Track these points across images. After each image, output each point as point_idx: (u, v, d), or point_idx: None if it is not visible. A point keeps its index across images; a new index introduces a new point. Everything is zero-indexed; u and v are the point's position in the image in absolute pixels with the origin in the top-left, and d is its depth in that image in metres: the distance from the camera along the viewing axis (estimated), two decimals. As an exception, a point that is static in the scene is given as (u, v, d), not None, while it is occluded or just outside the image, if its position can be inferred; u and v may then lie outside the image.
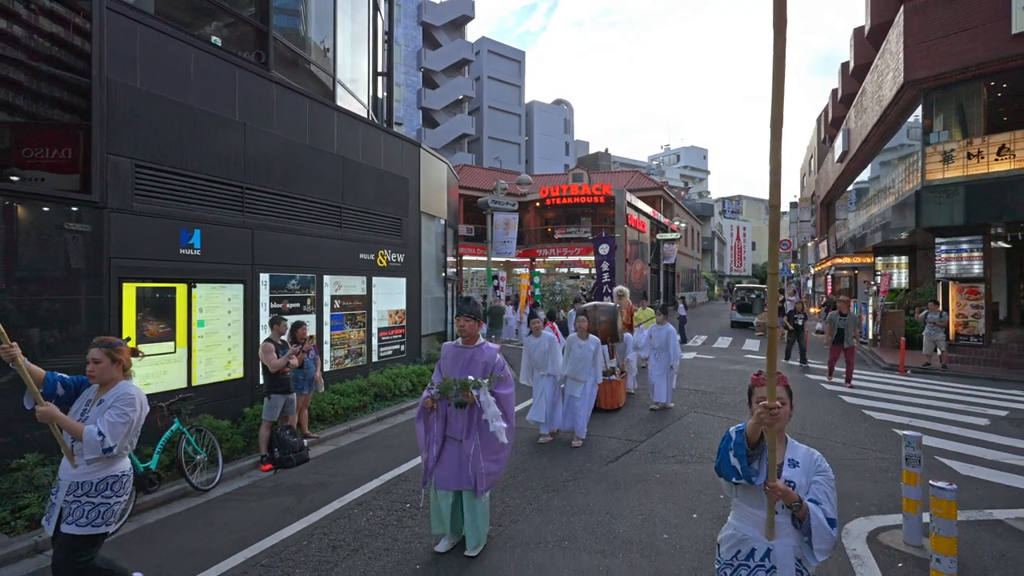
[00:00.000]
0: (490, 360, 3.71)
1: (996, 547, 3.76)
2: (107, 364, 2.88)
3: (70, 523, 2.75)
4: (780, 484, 1.95)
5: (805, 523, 1.94)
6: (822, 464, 2.08)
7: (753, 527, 2.07)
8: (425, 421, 3.71)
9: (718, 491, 4.67)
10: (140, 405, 2.89)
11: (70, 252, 4.95)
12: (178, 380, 5.89)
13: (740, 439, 2.02)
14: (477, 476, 3.57)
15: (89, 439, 2.68)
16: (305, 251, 7.61)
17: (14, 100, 4.76)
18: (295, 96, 7.50)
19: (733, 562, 2.10)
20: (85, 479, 2.80)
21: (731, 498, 2.17)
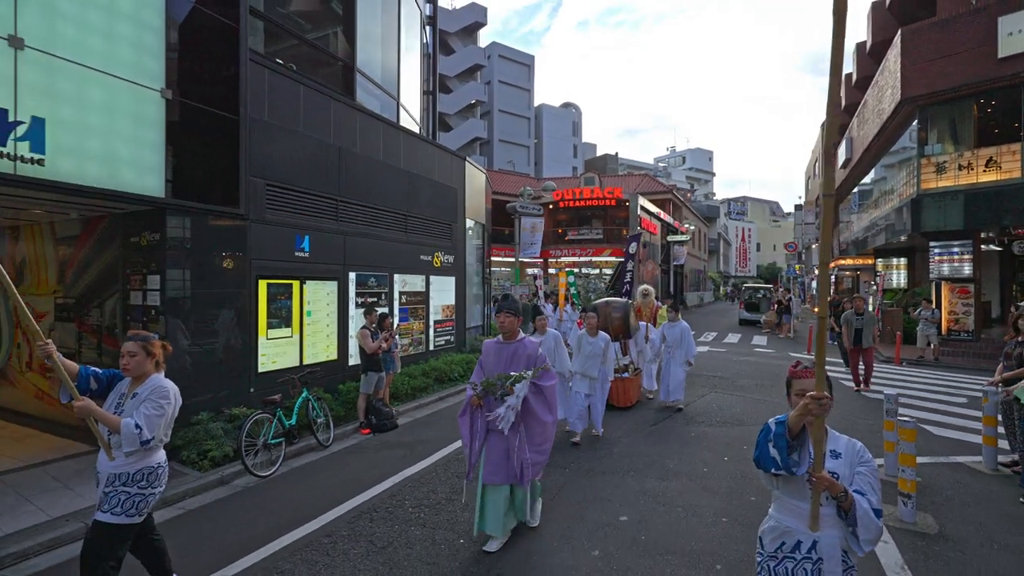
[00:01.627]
0: (533, 354, 3.74)
1: (954, 478, 5.00)
2: (142, 357, 2.90)
3: (105, 511, 2.77)
4: (826, 475, 1.92)
5: (851, 514, 1.91)
6: (865, 455, 2.05)
7: (796, 519, 2.03)
8: (470, 418, 3.75)
9: (742, 443, 5.93)
10: (174, 397, 2.92)
11: (225, 255, 6.23)
12: (294, 359, 7.17)
13: (780, 430, 1.97)
14: (523, 466, 3.60)
15: (127, 432, 2.70)
16: (380, 254, 8.88)
17: (187, 134, 6.03)
18: (373, 120, 8.78)
19: (778, 554, 2.06)
20: (123, 470, 2.80)
21: (771, 490, 2.13)
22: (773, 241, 76.32)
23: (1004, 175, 12.57)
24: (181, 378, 5.72)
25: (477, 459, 3.73)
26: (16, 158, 4.36)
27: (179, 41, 5.63)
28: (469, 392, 3.72)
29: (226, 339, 6.24)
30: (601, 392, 6.45)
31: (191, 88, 5.72)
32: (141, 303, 5.79)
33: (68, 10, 4.72)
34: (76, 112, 4.76)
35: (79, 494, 4.75)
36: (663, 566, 3.47)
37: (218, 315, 6.15)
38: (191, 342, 5.86)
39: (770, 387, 9.46)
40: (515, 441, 3.62)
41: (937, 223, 13.27)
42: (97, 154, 4.92)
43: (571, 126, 61.22)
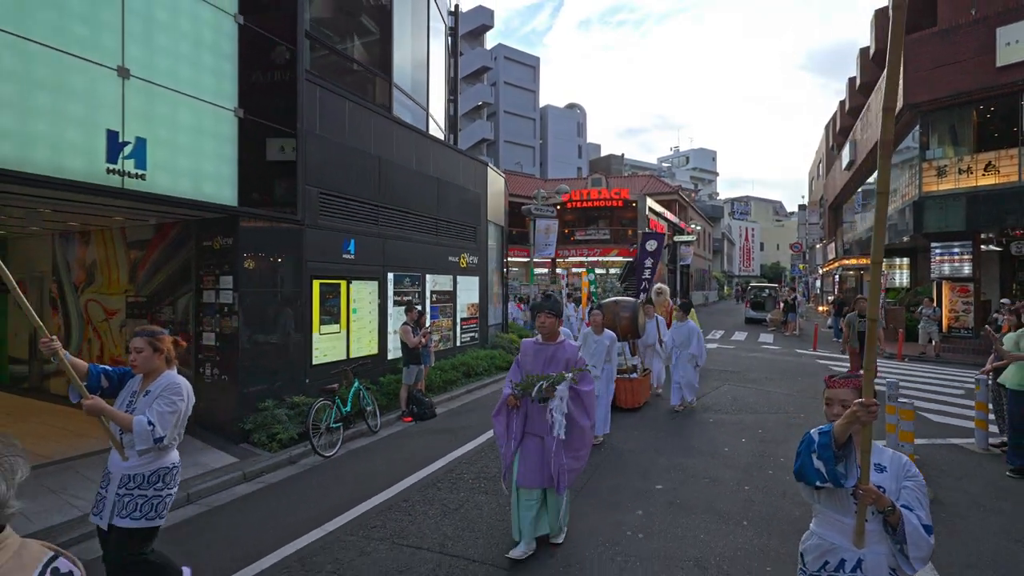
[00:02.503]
0: (572, 358, 3.68)
1: (949, 456, 5.61)
2: (149, 353, 2.81)
3: (123, 517, 2.70)
4: (873, 487, 1.84)
5: (899, 530, 1.82)
6: (911, 469, 1.96)
7: (840, 535, 1.94)
8: (506, 418, 3.69)
9: (756, 428, 6.53)
10: (187, 395, 2.86)
11: (285, 258, 6.86)
12: (341, 353, 7.80)
13: (825, 440, 1.89)
14: (559, 472, 3.52)
15: (139, 430, 2.63)
16: (414, 255, 9.50)
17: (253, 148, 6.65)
18: (407, 131, 9.40)
19: (821, 573, 1.98)
20: (137, 471, 2.74)
21: (813, 504, 2.06)
22: (776, 240, 76.77)
23: (1002, 179, 13.13)
24: (250, 369, 6.37)
25: (512, 460, 3.66)
26: (124, 174, 4.99)
27: (247, 64, 6.25)
28: (506, 391, 3.65)
29: (287, 334, 6.87)
30: (606, 392, 6.23)
31: (256, 106, 6.33)
32: (214, 301, 6.42)
33: (163, 42, 5.34)
34: (170, 132, 5.39)
35: None
36: (698, 522, 4.07)
37: (280, 312, 6.78)
38: (259, 336, 6.49)
39: (779, 380, 10.05)
40: (552, 445, 3.51)
41: (938, 224, 13.82)
42: (186, 169, 5.55)
43: (576, 127, 61.74)
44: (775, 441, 6.17)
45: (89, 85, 4.75)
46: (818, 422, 5.85)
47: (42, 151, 4.44)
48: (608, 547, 3.70)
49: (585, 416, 3.61)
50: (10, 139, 4.26)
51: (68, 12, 4.60)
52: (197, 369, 6.59)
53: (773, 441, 6.17)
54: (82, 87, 4.70)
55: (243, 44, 6.19)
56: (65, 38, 4.56)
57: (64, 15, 4.57)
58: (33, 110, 4.38)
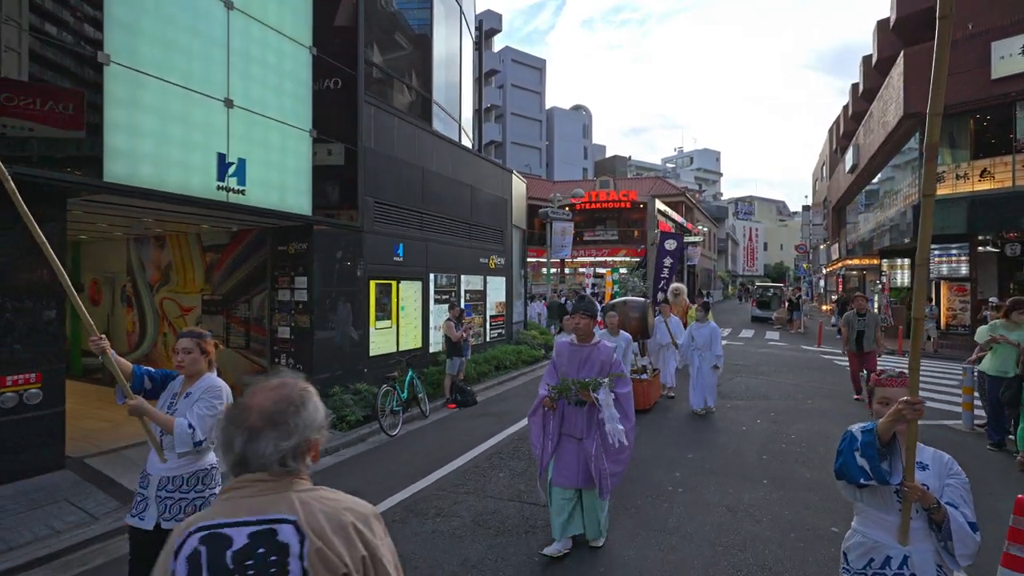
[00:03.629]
0: (607, 359, 3.64)
1: (938, 435, 6.43)
2: (197, 355, 2.85)
3: (168, 519, 2.73)
4: (919, 485, 1.86)
5: (944, 527, 1.85)
6: (954, 467, 1.99)
7: (884, 533, 1.96)
8: (542, 419, 3.70)
9: (769, 411, 7.36)
10: (226, 397, 2.85)
11: (349, 261, 7.70)
12: (392, 346, 8.64)
13: (869, 438, 1.90)
14: (602, 477, 3.50)
15: (180, 432, 2.66)
16: (451, 257, 10.34)
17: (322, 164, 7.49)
18: (444, 143, 10.23)
19: (867, 571, 1.98)
20: (176, 474, 2.76)
21: (855, 503, 2.06)
22: (780, 240, 77.39)
23: (997, 184, 13.89)
24: (321, 359, 7.21)
25: (549, 460, 3.67)
26: (229, 189, 5.84)
27: (318, 89, 7.09)
28: (542, 392, 3.65)
29: (350, 328, 7.72)
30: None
31: (325, 126, 7.17)
32: (289, 299, 7.26)
33: (258, 74, 6.19)
34: (262, 153, 6.24)
35: None
36: (726, 481, 4.90)
37: (345, 309, 7.63)
38: (329, 330, 7.34)
39: (786, 372, 10.86)
40: (592, 449, 3.51)
41: (939, 227, 14.59)
42: (274, 183, 6.40)
43: (581, 128, 62.40)
44: (786, 422, 7.00)
45: (205, 115, 5.60)
46: (822, 408, 6.89)
47: (173, 172, 5.29)
48: (654, 497, 4.54)
49: (625, 419, 3.56)
50: (150, 163, 5.11)
51: (190, 54, 5.44)
52: (272, 359, 7.44)
53: (785, 422, 7.00)
54: (200, 117, 5.55)
55: (315, 72, 7.04)
56: (188, 77, 5.41)
57: (187, 57, 5.42)
58: (166, 138, 5.23)
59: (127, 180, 4.91)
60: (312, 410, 1.23)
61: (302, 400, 1.22)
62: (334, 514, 1.15)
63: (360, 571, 1.13)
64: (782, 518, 4.17)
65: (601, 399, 3.45)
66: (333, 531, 1.12)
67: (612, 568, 3.49)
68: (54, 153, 4.58)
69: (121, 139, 4.86)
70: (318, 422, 1.23)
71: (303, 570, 1.07)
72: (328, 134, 7.18)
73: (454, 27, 11.66)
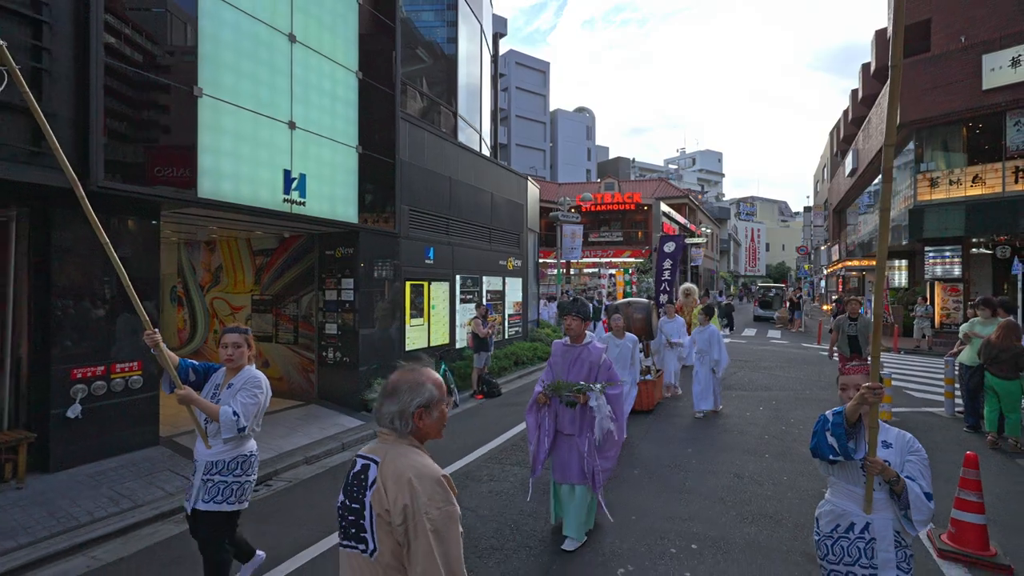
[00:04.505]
0: (596, 360, 3.78)
1: (922, 419, 7.17)
2: (244, 349, 3.06)
3: (207, 501, 2.93)
4: (880, 459, 2.08)
5: (903, 497, 2.07)
6: (915, 445, 2.21)
7: (851, 502, 2.21)
8: (537, 415, 3.90)
9: (771, 400, 8.10)
10: (266, 388, 3.06)
11: (388, 263, 8.47)
12: (424, 342, 9.40)
13: (838, 419, 2.16)
14: (594, 473, 3.71)
15: (225, 419, 2.85)
16: (474, 260, 11.10)
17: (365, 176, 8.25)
18: (468, 153, 11.00)
19: (833, 535, 2.23)
20: (219, 458, 2.98)
21: (827, 476, 2.33)
22: (782, 241, 78.02)
23: (987, 189, 14.61)
24: (365, 353, 7.97)
25: (545, 456, 3.87)
26: (292, 201, 6.61)
27: (362, 108, 7.84)
28: (538, 389, 3.89)
29: (389, 325, 8.48)
30: (628, 396, 6.18)
31: (368, 142, 7.93)
32: (336, 298, 8.03)
33: (315, 100, 6.96)
34: (318, 168, 7.01)
35: (307, 434, 6.89)
36: (733, 455, 5.65)
37: (386, 307, 8.40)
38: (372, 327, 8.11)
39: (787, 367, 11.60)
40: (584, 446, 3.73)
41: (933, 230, 15.31)
42: (327, 195, 7.16)
43: (585, 130, 63.06)
44: (786, 408, 7.75)
45: (272, 137, 6.37)
46: (820, 397, 7.76)
47: (247, 187, 6.06)
48: (671, 467, 5.30)
49: (613, 419, 3.75)
50: (230, 179, 5.88)
51: (260, 82, 6.21)
52: (320, 353, 8.21)
53: (784, 408, 7.75)
54: (268, 138, 6.32)
55: (361, 92, 7.80)
56: (259, 103, 6.18)
57: (257, 85, 6.18)
58: (241, 157, 6.00)
59: (213, 195, 5.68)
60: (420, 390, 1.60)
61: (416, 382, 1.62)
62: (400, 468, 1.52)
63: (398, 514, 1.47)
64: (781, 482, 4.92)
65: (593, 403, 3.65)
66: (392, 478, 1.51)
67: (642, 515, 4.25)
68: (159, 172, 5.34)
69: (208, 160, 5.63)
70: (418, 400, 1.59)
71: (369, 498, 1.54)
72: (369, 148, 7.94)
73: (475, 43, 12.43)
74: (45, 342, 4.97)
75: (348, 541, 1.57)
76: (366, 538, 1.53)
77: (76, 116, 4.65)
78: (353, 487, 1.58)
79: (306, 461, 6.01)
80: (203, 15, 5.56)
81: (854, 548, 2.18)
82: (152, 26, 5.32)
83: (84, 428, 5.15)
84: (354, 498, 1.57)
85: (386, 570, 1.51)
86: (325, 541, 3.92)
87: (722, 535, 3.92)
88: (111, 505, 4.55)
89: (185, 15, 5.51)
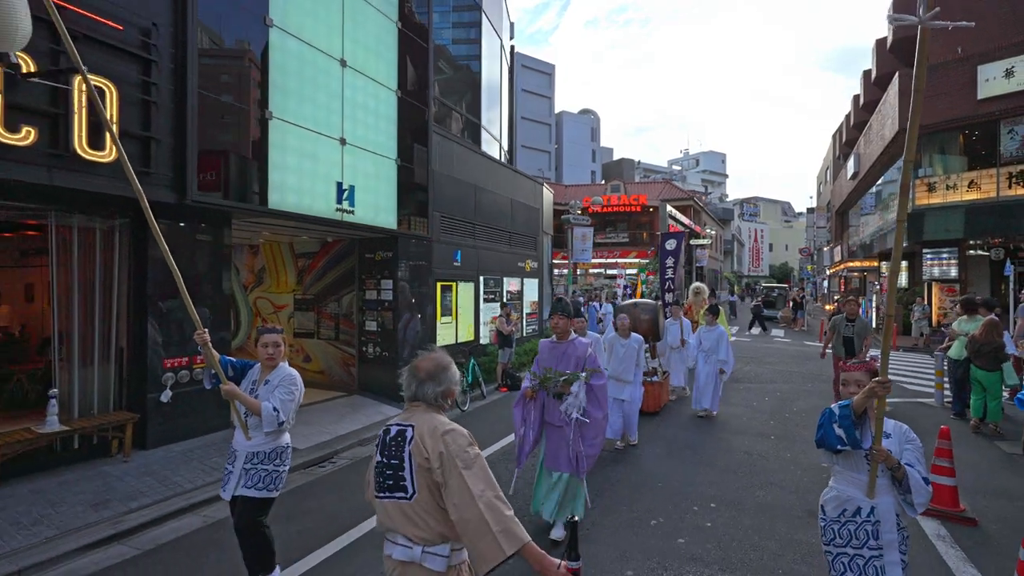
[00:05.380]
0: (582, 355, 4.01)
1: (913, 408, 7.87)
2: (283, 348, 3.28)
3: (249, 487, 3.13)
4: (885, 448, 2.25)
5: (904, 482, 2.25)
6: (911, 435, 2.38)
7: (855, 489, 2.37)
8: (523, 409, 4.08)
9: (775, 391, 8.81)
10: (300, 384, 3.27)
11: (422, 266, 9.19)
12: (452, 338, 10.13)
13: (846, 412, 2.32)
14: (579, 459, 3.92)
15: (267, 414, 3.06)
16: (496, 262, 11.82)
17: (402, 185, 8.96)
18: (490, 162, 11.72)
19: (840, 519, 2.39)
20: (259, 449, 3.18)
21: (831, 466, 2.48)
22: (785, 241, 78.50)
23: (983, 194, 15.27)
24: (402, 348, 8.68)
25: (531, 448, 4.09)
26: (343, 211, 7.33)
27: (400, 123, 8.55)
28: (525, 384, 4.11)
29: (423, 322, 9.20)
30: (635, 398, 6.16)
31: (404, 154, 8.65)
32: (376, 298, 8.75)
33: (361, 117, 7.68)
34: (364, 180, 7.73)
35: (355, 420, 7.61)
36: (743, 437, 6.36)
37: (420, 306, 9.12)
38: (408, 324, 8.83)
39: (790, 363, 12.29)
40: (570, 435, 3.92)
41: (933, 233, 15.96)
42: (372, 204, 7.88)
43: (589, 132, 63.68)
44: (789, 399, 8.46)
45: (326, 153, 7.10)
46: (820, 390, 8.59)
47: (305, 198, 6.79)
48: (688, 448, 6.01)
49: (598, 408, 3.96)
50: (294, 192, 6.60)
51: (317, 104, 6.94)
52: (360, 348, 8.94)
53: (788, 399, 8.46)
54: (323, 154, 7.05)
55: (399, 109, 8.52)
56: (316, 122, 6.91)
57: (315, 107, 6.91)
58: (301, 172, 6.72)
59: (279, 206, 6.41)
60: (452, 372, 2.05)
61: (447, 366, 2.06)
62: (433, 426, 1.92)
63: (436, 460, 1.85)
64: (785, 459, 5.63)
65: (574, 390, 3.88)
66: (428, 435, 1.89)
67: (667, 483, 4.96)
68: (238, 187, 6.07)
69: (276, 175, 6.36)
70: (454, 380, 2.06)
71: (409, 452, 1.90)
72: (406, 160, 8.66)
73: (495, 58, 13.15)
74: (141, 335, 5.71)
75: (385, 492, 1.94)
76: (405, 485, 1.90)
77: (175, 141, 5.38)
78: (391, 447, 1.95)
79: (360, 443, 6.73)
80: (273, 48, 6.29)
81: (861, 531, 2.33)
82: (232, 59, 6.05)
83: (173, 411, 5.88)
84: (393, 455, 1.94)
85: (423, 507, 1.89)
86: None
87: (736, 498, 4.63)
88: (206, 475, 5.28)
89: (259, 48, 6.23)
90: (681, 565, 3.57)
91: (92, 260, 5.44)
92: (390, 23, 8.33)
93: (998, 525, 4.15)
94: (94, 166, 4.66)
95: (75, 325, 5.34)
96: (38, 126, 4.29)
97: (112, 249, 5.58)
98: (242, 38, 6.15)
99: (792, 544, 3.84)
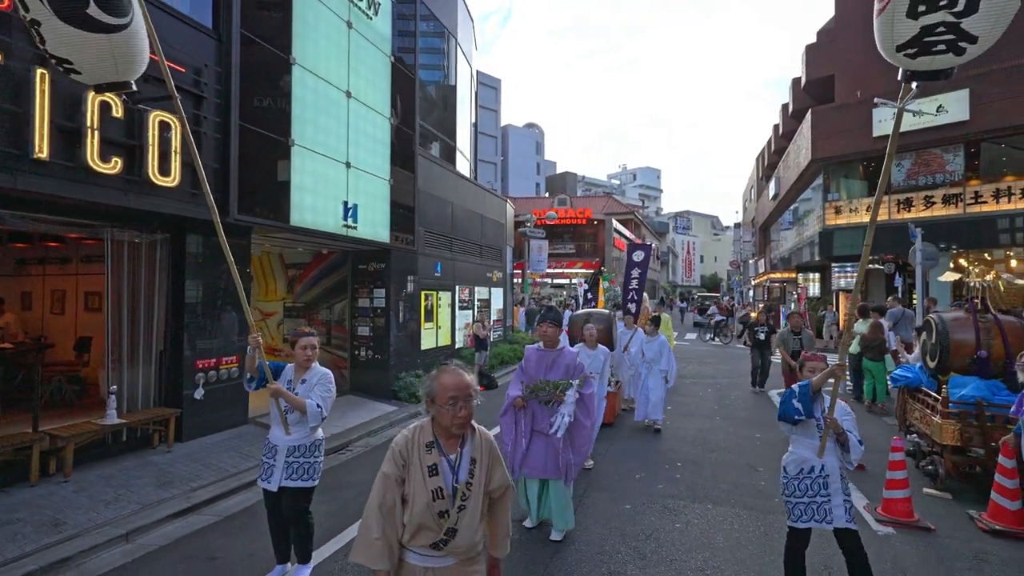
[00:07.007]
0: (571, 363, 4.05)
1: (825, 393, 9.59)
2: (319, 349, 3.51)
3: (295, 479, 3.38)
4: (836, 419, 2.96)
5: (846, 444, 2.98)
6: (848, 409, 3.10)
7: (809, 452, 3.07)
8: (513, 417, 4.07)
9: (717, 385, 10.39)
10: (334, 382, 3.53)
11: (409, 276, 10.08)
12: (433, 343, 11.05)
13: (805, 389, 3.00)
14: (567, 467, 3.96)
15: (312, 411, 3.33)
16: (468, 273, 12.84)
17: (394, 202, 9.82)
18: (464, 181, 12.78)
19: (799, 476, 3.08)
20: (300, 443, 3.43)
21: (790, 435, 3.17)
22: (715, 253, 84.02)
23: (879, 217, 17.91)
24: (393, 351, 9.54)
25: (523, 458, 4.00)
26: (348, 227, 8.17)
27: (392, 147, 9.46)
28: (512, 393, 4.05)
29: (410, 328, 10.09)
30: (600, 409, 5.96)
31: (395, 174, 9.57)
32: (368, 305, 9.56)
33: (362, 142, 8.55)
34: (364, 199, 8.59)
35: (357, 416, 8.36)
36: (694, 419, 7.77)
37: (408, 313, 10.00)
38: (398, 329, 9.69)
39: (724, 361, 14.10)
40: (559, 444, 3.94)
41: (840, 249, 18.52)
42: (370, 220, 8.74)
43: (534, 145, 65.74)
44: (727, 389, 10.06)
45: (335, 175, 7.93)
46: (748, 384, 10.20)
47: (318, 216, 7.59)
48: (651, 432, 7.31)
49: (587, 416, 4.05)
50: (310, 211, 7.39)
51: (328, 132, 7.77)
52: (353, 352, 9.69)
53: (726, 389, 10.06)
54: (332, 177, 7.87)
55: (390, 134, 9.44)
56: (327, 148, 7.74)
57: (327, 134, 7.74)
58: (315, 192, 7.53)
59: (299, 223, 7.18)
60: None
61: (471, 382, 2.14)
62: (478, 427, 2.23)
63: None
64: (729, 432, 7.06)
65: (568, 397, 3.90)
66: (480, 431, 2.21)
67: (641, 453, 6.20)
68: (268, 206, 6.81)
69: (296, 195, 7.14)
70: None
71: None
72: (396, 179, 9.57)
73: (467, 85, 14.24)
74: (177, 338, 6.33)
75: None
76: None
77: (220, 166, 6.10)
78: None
79: (368, 434, 7.57)
80: (295, 83, 7.09)
81: (816, 484, 3.03)
82: (264, 95, 6.81)
83: (205, 407, 6.51)
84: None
85: None
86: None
87: (695, 458, 5.97)
88: (245, 461, 5.98)
89: (285, 84, 7.02)
90: (663, 500, 4.81)
91: (138, 271, 6.04)
92: (384, 56, 9.25)
93: (880, 469, 5.69)
94: (161, 189, 5.35)
95: (124, 329, 5.91)
96: (122, 156, 4.97)
97: (154, 261, 6.19)
98: (271, 75, 6.92)
99: (740, 485, 5.20)
